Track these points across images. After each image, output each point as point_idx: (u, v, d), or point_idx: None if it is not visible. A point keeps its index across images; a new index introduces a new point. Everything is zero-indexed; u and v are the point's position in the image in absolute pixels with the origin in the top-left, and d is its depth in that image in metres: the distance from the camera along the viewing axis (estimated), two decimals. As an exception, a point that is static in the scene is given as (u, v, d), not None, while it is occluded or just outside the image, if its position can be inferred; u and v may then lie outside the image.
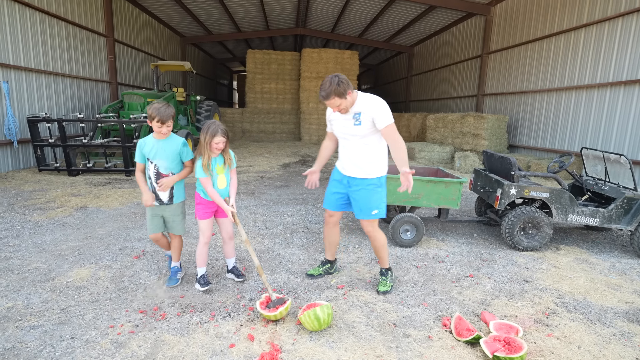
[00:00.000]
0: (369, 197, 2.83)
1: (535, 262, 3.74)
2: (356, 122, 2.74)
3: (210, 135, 2.73)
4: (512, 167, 3.91)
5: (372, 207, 2.84)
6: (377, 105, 2.69)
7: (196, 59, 21.04)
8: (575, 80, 8.96)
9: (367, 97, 2.73)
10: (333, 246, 3.23)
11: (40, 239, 4.02)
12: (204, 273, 3.07)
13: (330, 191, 3.04)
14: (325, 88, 2.58)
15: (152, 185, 2.86)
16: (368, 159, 2.82)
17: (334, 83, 2.57)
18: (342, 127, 2.84)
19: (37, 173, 7.52)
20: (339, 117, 2.83)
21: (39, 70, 8.36)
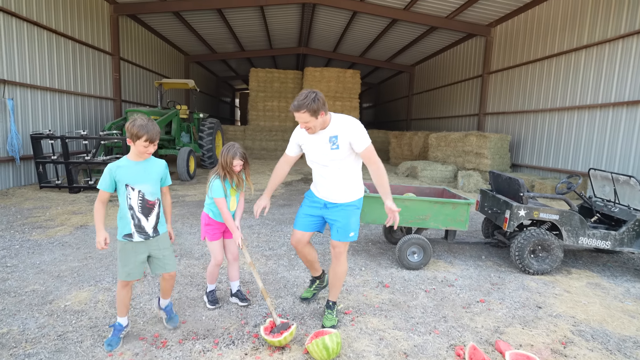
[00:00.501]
0: (348, 218, 2.70)
1: (547, 286, 3.63)
2: (333, 146, 2.57)
3: (230, 157, 2.73)
4: (520, 188, 3.85)
5: (350, 229, 2.71)
6: (354, 127, 2.54)
7: (199, 77, 21.30)
8: (577, 100, 9.00)
9: (343, 119, 2.58)
10: (314, 263, 3.05)
11: (39, 259, 3.93)
12: (213, 289, 3.06)
13: (303, 212, 2.85)
14: (300, 99, 2.41)
15: (136, 217, 2.39)
16: (346, 184, 2.69)
17: (309, 98, 2.40)
18: (317, 153, 2.64)
19: (38, 190, 7.47)
20: (312, 141, 2.64)
21: (45, 87, 8.42)
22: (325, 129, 2.58)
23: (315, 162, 2.71)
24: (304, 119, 2.45)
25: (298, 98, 2.43)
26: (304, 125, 2.51)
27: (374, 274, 3.80)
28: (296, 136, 2.76)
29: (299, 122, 2.50)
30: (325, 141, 2.59)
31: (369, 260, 4.20)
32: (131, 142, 2.31)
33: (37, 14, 8.17)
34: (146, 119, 2.31)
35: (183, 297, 3.17)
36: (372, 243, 4.83)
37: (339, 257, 2.75)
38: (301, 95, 2.43)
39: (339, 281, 2.81)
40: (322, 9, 13.68)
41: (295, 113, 2.45)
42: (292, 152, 2.84)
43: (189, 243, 4.58)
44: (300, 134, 2.72)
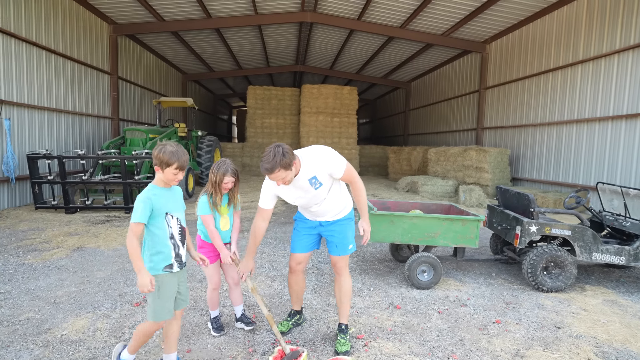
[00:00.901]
0: (345, 232, 2.69)
1: (563, 304, 3.52)
2: (316, 186, 2.48)
3: (220, 174, 2.62)
4: (530, 203, 3.78)
5: (348, 241, 2.70)
6: (326, 159, 2.45)
7: (197, 95, 21.41)
8: (575, 114, 9.06)
9: (312, 156, 2.46)
10: (300, 295, 2.92)
11: (34, 284, 3.77)
12: (217, 315, 2.92)
13: (299, 235, 2.77)
14: (269, 160, 2.22)
15: (177, 246, 2.22)
16: (336, 204, 2.65)
17: (278, 154, 2.23)
18: (300, 197, 2.56)
19: (34, 211, 7.31)
20: (291, 189, 2.52)
21: (42, 107, 8.36)
22: (298, 175, 2.44)
23: (304, 205, 2.66)
24: (280, 176, 2.29)
25: (266, 159, 2.24)
26: (281, 182, 2.34)
27: (384, 294, 3.67)
28: (270, 188, 2.57)
29: (274, 181, 2.34)
30: (305, 185, 2.48)
31: (377, 279, 4.07)
32: (159, 169, 2.11)
33: (36, 35, 8.18)
34: (175, 145, 2.14)
35: (186, 323, 3.02)
36: (379, 261, 4.71)
37: (342, 272, 2.71)
38: (268, 156, 2.25)
39: (346, 298, 2.71)
40: (319, 27, 13.88)
41: (270, 175, 2.28)
42: (269, 204, 2.61)
43: (189, 265, 4.43)
44: (275, 186, 2.54)
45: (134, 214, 2.03)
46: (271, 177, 2.29)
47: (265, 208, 2.62)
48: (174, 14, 11.49)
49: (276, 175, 2.28)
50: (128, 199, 7.26)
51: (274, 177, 2.29)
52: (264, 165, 2.25)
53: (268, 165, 2.24)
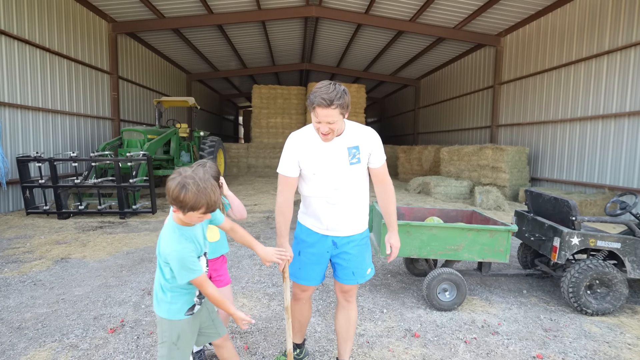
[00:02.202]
0: (363, 254, 2.19)
1: (614, 332, 2.96)
2: (353, 160, 2.02)
3: None
4: (571, 211, 3.22)
5: (367, 265, 2.22)
6: (375, 137, 2.09)
7: (202, 95, 21.07)
8: (600, 109, 8.40)
9: (360, 126, 2.09)
10: (304, 326, 2.42)
11: (2, 304, 3.33)
12: (200, 349, 2.43)
13: (306, 262, 2.18)
14: (329, 92, 1.83)
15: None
16: (359, 209, 2.15)
17: (339, 89, 1.86)
18: (330, 170, 2.04)
19: (25, 216, 6.93)
20: (323, 154, 2.02)
21: (37, 108, 8.00)
22: (340, 137, 2.02)
23: (323, 184, 2.06)
24: (332, 117, 1.86)
25: (325, 90, 1.84)
26: (325, 128, 1.90)
27: (399, 317, 3.15)
28: (295, 150, 2.05)
29: (321, 122, 1.88)
30: (343, 153, 2.02)
31: (391, 298, 3.55)
32: (179, 211, 1.59)
33: (29, 33, 7.82)
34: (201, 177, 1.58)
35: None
36: (392, 275, 4.19)
37: (352, 301, 2.25)
38: (327, 87, 1.85)
39: (353, 330, 2.28)
40: (325, 22, 13.37)
41: (323, 110, 1.84)
42: (294, 171, 2.08)
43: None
44: (302, 143, 2.04)
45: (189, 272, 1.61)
46: (323, 113, 1.84)
47: (291, 176, 2.09)
48: (174, 10, 11.10)
49: (329, 113, 1.85)
50: (123, 203, 6.85)
51: (326, 114, 1.85)
52: (322, 96, 1.83)
53: (326, 96, 1.82)
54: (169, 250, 1.59)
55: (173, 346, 1.69)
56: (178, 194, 1.51)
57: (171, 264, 1.59)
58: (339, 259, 2.17)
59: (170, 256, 1.58)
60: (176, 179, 1.53)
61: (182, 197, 1.50)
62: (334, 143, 2.02)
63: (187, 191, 1.50)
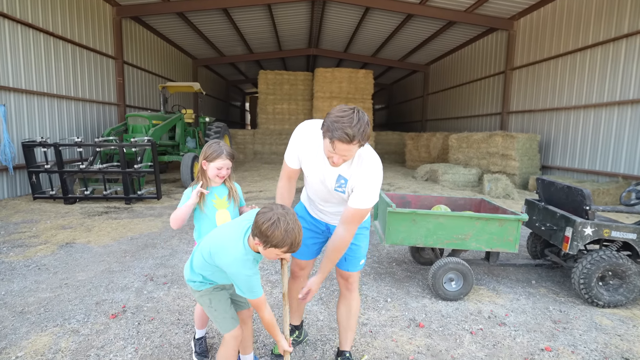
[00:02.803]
0: (358, 244, 2.15)
1: (626, 325, 2.87)
2: (338, 188, 1.95)
3: (209, 157, 2.04)
4: (585, 200, 3.10)
5: (360, 256, 2.17)
6: (365, 179, 1.85)
7: (208, 81, 20.92)
8: (617, 95, 8.12)
9: (365, 162, 1.88)
10: (301, 306, 2.45)
11: (6, 287, 3.34)
12: (202, 336, 2.41)
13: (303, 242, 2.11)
14: (353, 125, 1.61)
15: None
16: None
17: (363, 121, 1.65)
18: (318, 182, 2.02)
19: (32, 201, 6.98)
20: (316, 169, 1.97)
21: (42, 92, 7.96)
22: None
23: (314, 187, 2.08)
24: (348, 152, 1.69)
25: (349, 123, 1.62)
26: (339, 160, 1.74)
27: (403, 307, 3.09)
28: (298, 146, 1.99)
29: (336, 154, 1.71)
30: (333, 177, 1.94)
31: (395, 287, 3.49)
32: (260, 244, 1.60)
33: (32, 16, 7.73)
34: (292, 212, 1.60)
35: (166, 343, 2.52)
36: (397, 264, 4.12)
37: (353, 290, 2.22)
38: (351, 119, 1.62)
39: (354, 320, 2.24)
40: (332, 5, 13.05)
41: (342, 144, 1.64)
42: (294, 164, 2.05)
43: (182, 265, 3.95)
44: (305, 144, 1.97)
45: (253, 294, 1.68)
46: (342, 147, 1.66)
47: (292, 167, 2.07)
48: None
49: (349, 149, 1.67)
50: (128, 189, 6.84)
51: (345, 149, 1.66)
52: (345, 130, 1.60)
53: (350, 132, 1.61)
54: (236, 270, 1.63)
55: (211, 309, 1.86)
56: (267, 230, 1.53)
57: (237, 283, 1.66)
58: None
59: (238, 278, 1.64)
60: (267, 214, 1.55)
61: (270, 233, 1.53)
62: (328, 164, 1.91)
63: (276, 228, 1.52)
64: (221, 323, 1.86)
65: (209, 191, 2.07)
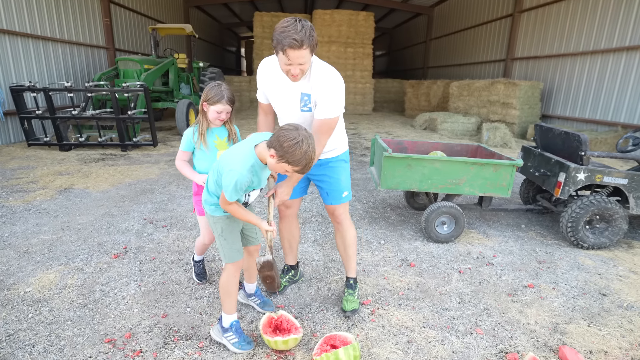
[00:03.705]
0: (337, 177, 2.21)
1: (607, 265, 3.00)
2: (304, 108, 1.99)
3: (210, 100, 2.06)
4: (581, 145, 3.09)
5: (342, 188, 2.23)
6: (326, 86, 1.89)
7: (201, 24, 19.86)
8: (627, 40, 7.79)
9: (321, 72, 1.91)
10: (294, 246, 2.55)
11: (9, 230, 3.42)
12: (201, 259, 2.61)
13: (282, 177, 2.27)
14: (298, 31, 1.68)
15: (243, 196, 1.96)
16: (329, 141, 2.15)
17: (307, 27, 1.71)
18: (284, 110, 2.06)
19: (27, 148, 6.93)
20: (280, 94, 2.01)
21: (25, 33, 7.57)
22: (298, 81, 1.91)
23: (283, 117, 2.12)
24: (304, 57, 1.75)
25: (294, 29, 1.68)
26: (296, 70, 1.79)
27: (396, 248, 3.21)
28: (260, 76, 2.07)
29: (292, 63, 1.76)
30: (295, 98, 1.98)
31: (389, 230, 3.59)
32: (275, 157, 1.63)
33: (5, -54, 7.11)
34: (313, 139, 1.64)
35: (167, 280, 2.64)
36: (392, 209, 4.20)
37: (341, 222, 2.30)
38: (296, 26, 1.69)
39: (352, 249, 2.35)
40: (332, -62, 12.03)
41: (294, 51, 1.71)
42: (263, 99, 2.16)
43: (181, 209, 4.03)
44: (266, 73, 2.03)
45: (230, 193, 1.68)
46: (294, 54, 1.72)
47: (261, 101, 2.19)
48: None
49: (300, 54, 1.72)
50: (123, 135, 6.76)
51: (297, 55, 1.72)
52: (292, 36, 1.67)
53: (297, 37, 1.68)
54: (231, 166, 1.65)
55: (221, 237, 1.91)
56: (289, 147, 1.56)
57: (224, 176, 1.66)
58: (315, 180, 2.27)
59: (229, 172, 1.64)
60: (293, 132, 1.58)
61: (291, 151, 1.56)
62: (289, 86, 1.96)
63: (298, 148, 1.56)
64: (227, 252, 1.92)
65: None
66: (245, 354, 1.93)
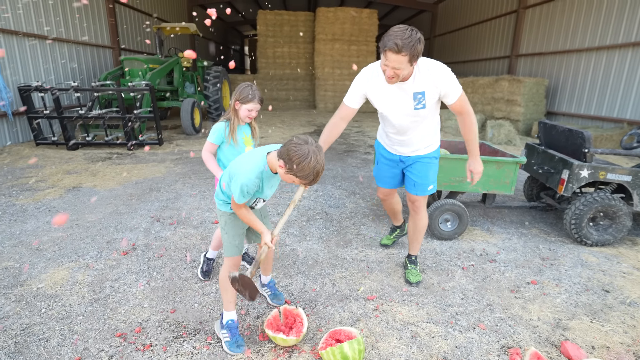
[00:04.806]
0: (426, 171, 2.48)
1: (610, 262, 3.02)
2: (418, 105, 2.18)
3: (243, 99, 2.23)
4: (584, 142, 3.10)
5: (429, 182, 2.51)
6: (445, 78, 2.10)
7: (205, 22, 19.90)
8: (633, 35, 7.73)
9: (430, 69, 2.09)
10: (397, 214, 3.00)
11: (20, 227, 3.50)
12: (213, 258, 2.69)
13: (383, 174, 2.67)
14: (403, 37, 1.82)
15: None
16: (426, 137, 2.40)
17: (415, 36, 1.84)
18: (395, 110, 2.26)
19: (35, 147, 7.02)
20: (389, 96, 2.19)
21: (32, 34, 7.65)
22: (407, 81, 2.10)
23: (390, 120, 2.33)
24: (399, 63, 1.89)
25: (399, 35, 1.84)
26: (392, 72, 1.95)
27: (400, 245, 3.24)
28: (363, 84, 2.22)
29: (386, 65, 1.93)
30: (408, 98, 2.17)
31: (393, 227, 3.62)
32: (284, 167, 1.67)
33: (12, -53, 7.19)
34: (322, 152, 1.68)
35: (175, 276, 2.70)
36: (404, 205, 4.23)
37: (418, 211, 2.59)
38: (403, 32, 1.84)
39: (421, 234, 2.67)
40: None
41: (392, 55, 1.86)
42: (354, 102, 2.29)
43: (187, 207, 4.08)
44: (370, 81, 2.20)
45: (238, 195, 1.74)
46: (391, 57, 1.88)
47: (349, 105, 2.30)
48: None
49: (397, 59, 1.88)
50: (130, 135, 6.84)
51: (394, 59, 1.89)
52: (393, 40, 1.84)
53: (399, 42, 1.84)
54: (241, 170, 1.74)
55: (223, 230, 2.01)
56: (297, 161, 1.61)
57: (234, 178, 1.74)
58: (407, 171, 2.55)
59: (238, 176, 1.72)
60: (302, 147, 1.62)
61: (300, 166, 1.61)
62: (400, 87, 2.13)
63: (307, 164, 1.61)
64: (227, 246, 2.01)
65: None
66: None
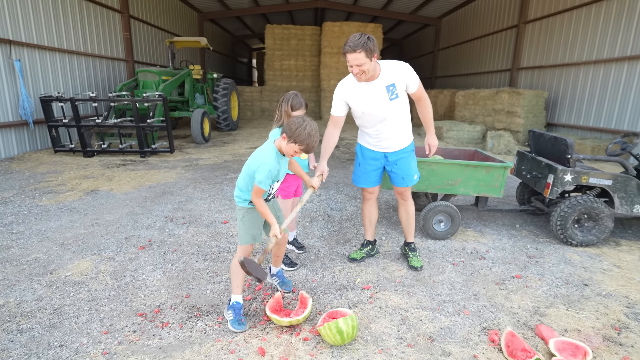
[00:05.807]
0: (409, 165, 2.80)
1: (593, 260, 3.22)
2: (392, 96, 2.54)
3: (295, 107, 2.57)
4: (567, 149, 3.34)
5: (413, 172, 2.85)
6: (405, 69, 2.55)
7: (214, 36, 20.56)
8: (628, 49, 7.98)
9: (391, 65, 2.54)
10: (373, 225, 3.09)
11: (45, 225, 3.79)
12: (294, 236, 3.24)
13: (366, 170, 2.89)
14: (354, 40, 2.30)
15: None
16: (403, 129, 2.73)
17: (364, 37, 2.31)
18: (373, 106, 2.58)
19: (53, 154, 7.40)
20: (365, 94, 2.55)
21: (53, 47, 8.12)
22: (377, 79, 2.50)
23: (371, 116, 2.63)
24: (359, 60, 2.32)
25: (351, 39, 2.32)
26: (357, 70, 2.36)
27: (396, 244, 3.47)
28: (341, 93, 2.63)
29: (352, 65, 2.35)
30: (382, 92, 2.53)
31: (390, 228, 3.86)
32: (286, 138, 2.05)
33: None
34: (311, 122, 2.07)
35: (188, 268, 2.96)
36: (394, 209, 4.47)
37: (407, 199, 2.94)
38: (354, 36, 2.33)
39: (412, 219, 2.99)
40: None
41: (350, 55, 2.32)
42: (340, 111, 2.68)
43: (198, 209, 4.36)
44: (347, 89, 2.60)
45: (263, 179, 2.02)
46: (351, 57, 2.32)
47: (337, 115, 2.69)
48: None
49: (356, 57, 2.30)
50: (143, 143, 7.19)
51: (353, 58, 2.31)
52: (348, 44, 2.31)
53: (351, 44, 2.30)
54: (262, 160, 2.05)
55: (240, 222, 2.25)
56: (296, 129, 1.99)
57: (258, 169, 2.02)
58: (392, 168, 2.81)
59: (263, 165, 2.02)
60: (299, 119, 2.04)
61: (298, 132, 1.98)
62: (373, 85, 2.50)
63: (303, 130, 1.99)
64: (242, 235, 2.25)
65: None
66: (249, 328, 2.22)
